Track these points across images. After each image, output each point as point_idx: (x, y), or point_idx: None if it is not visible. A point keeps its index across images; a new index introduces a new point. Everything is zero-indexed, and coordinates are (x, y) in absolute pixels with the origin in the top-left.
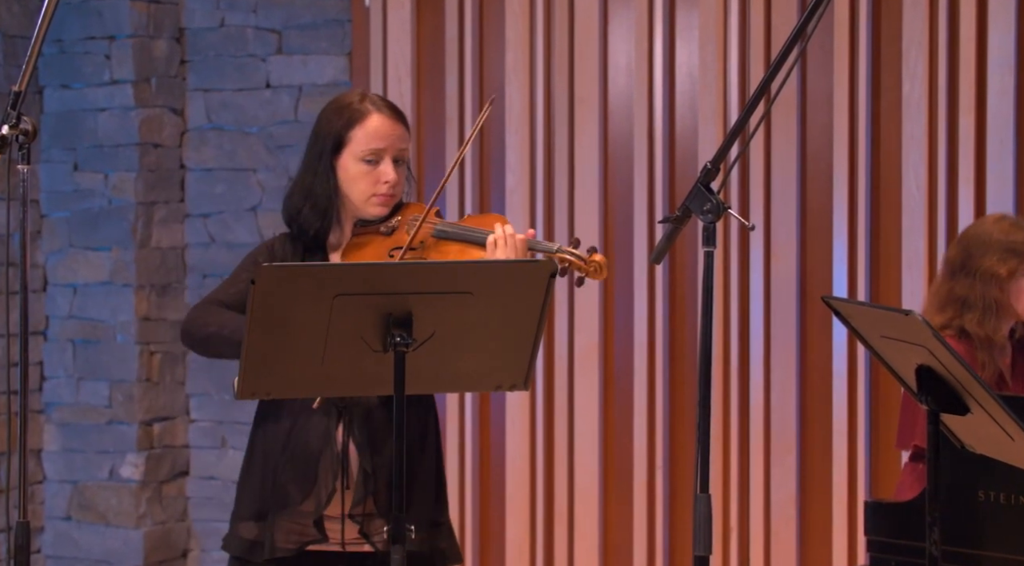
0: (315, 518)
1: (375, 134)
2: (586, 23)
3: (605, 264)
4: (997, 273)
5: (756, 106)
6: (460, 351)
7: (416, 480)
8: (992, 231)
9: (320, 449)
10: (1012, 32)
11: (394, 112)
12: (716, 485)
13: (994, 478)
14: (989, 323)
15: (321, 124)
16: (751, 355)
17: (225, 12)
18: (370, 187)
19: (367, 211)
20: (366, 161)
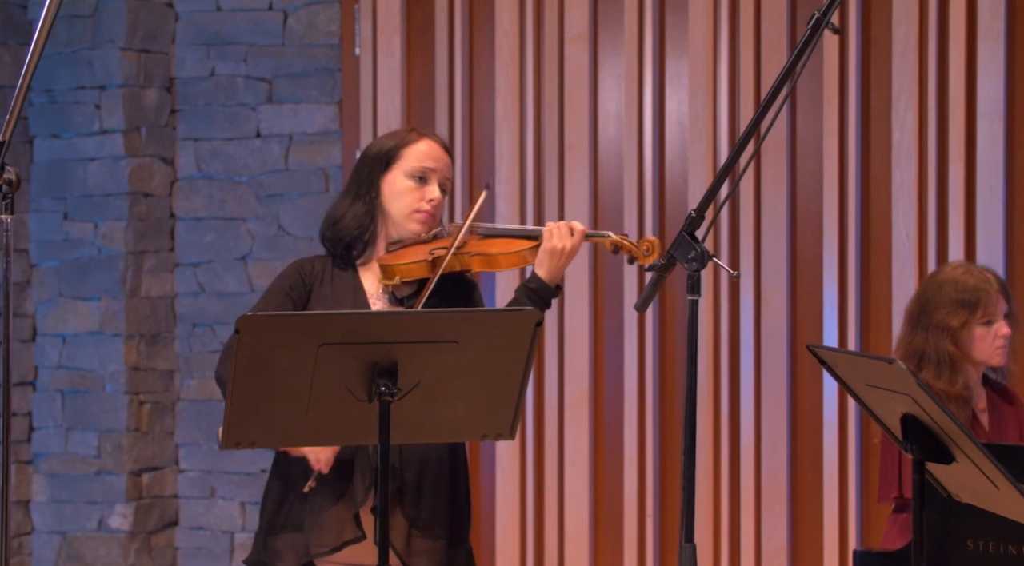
0: (354, 513)
1: (426, 154)
2: (576, 71)
3: (657, 244)
4: (949, 325)
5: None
6: (446, 400)
7: (439, 491)
8: (944, 282)
9: (354, 451)
10: (1001, 80)
11: (444, 144)
12: (707, 534)
13: (983, 527)
14: (944, 376)
15: (372, 147)
16: (741, 404)
17: (215, 61)
18: (415, 203)
19: (408, 227)
20: (414, 178)
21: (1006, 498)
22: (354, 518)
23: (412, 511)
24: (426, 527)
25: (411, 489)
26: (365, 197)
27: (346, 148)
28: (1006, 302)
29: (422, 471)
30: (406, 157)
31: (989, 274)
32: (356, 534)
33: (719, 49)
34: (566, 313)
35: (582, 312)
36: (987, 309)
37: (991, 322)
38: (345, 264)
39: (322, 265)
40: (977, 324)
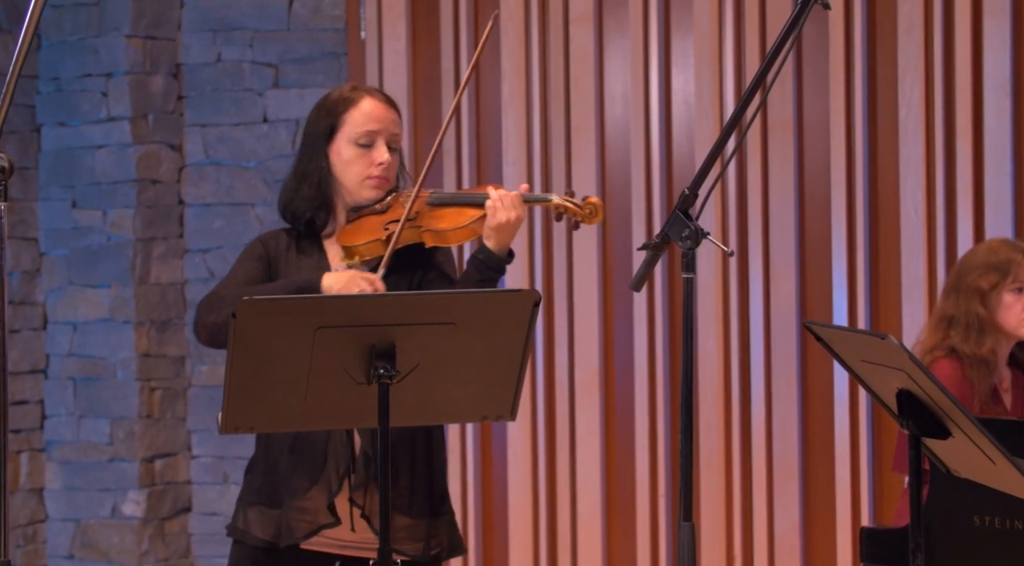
0: (328, 503)
1: (368, 116)
2: (582, 52)
3: (600, 205)
4: (979, 287)
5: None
6: (445, 382)
7: (415, 470)
8: (979, 250)
9: (327, 435)
10: (1007, 55)
11: (386, 98)
12: (719, 514)
13: (989, 503)
14: (972, 338)
15: (312, 117)
16: (752, 383)
17: (221, 47)
18: (364, 169)
19: (361, 194)
20: (360, 145)
21: (1003, 473)
22: (329, 507)
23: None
24: (405, 506)
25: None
26: (315, 172)
27: None
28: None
29: (397, 452)
30: (348, 123)
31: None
32: (330, 520)
33: (724, 28)
34: (575, 295)
35: (591, 294)
36: (1018, 275)
37: (1021, 290)
38: (310, 238)
39: (286, 239)
40: (1007, 290)
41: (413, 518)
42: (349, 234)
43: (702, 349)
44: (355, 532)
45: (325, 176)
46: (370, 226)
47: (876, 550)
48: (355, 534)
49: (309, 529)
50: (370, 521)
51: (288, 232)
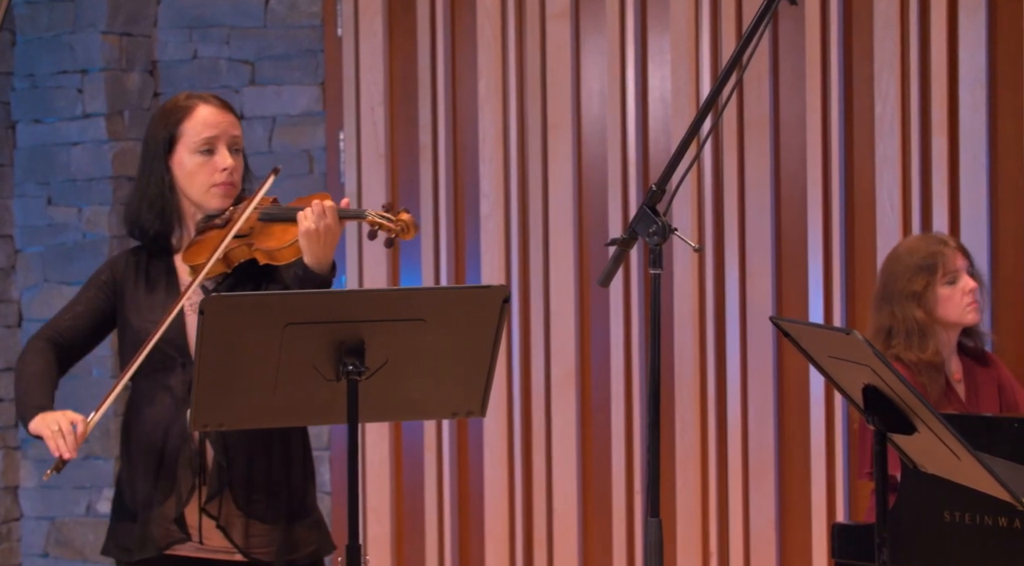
0: (176, 515)
1: (205, 123)
2: (558, 49)
3: (413, 222)
4: (913, 291)
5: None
6: (414, 378)
7: (273, 475)
8: (899, 254)
9: (178, 447)
10: (983, 50)
11: (221, 101)
12: (695, 510)
13: (959, 499)
14: (914, 344)
15: (150, 130)
16: (728, 380)
17: (198, 44)
18: (209, 177)
19: (210, 203)
20: (201, 152)
21: (967, 468)
22: (176, 520)
23: (245, 501)
24: (263, 513)
25: (241, 482)
26: (158, 187)
27: (329, 129)
28: (966, 259)
29: (251, 461)
30: (186, 133)
31: (944, 236)
32: (180, 536)
33: (701, 25)
34: (551, 292)
35: (567, 291)
36: (947, 267)
37: (954, 280)
38: (160, 255)
39: (135, 261)
40: (940, 284)
41: (270, 524)
42: (194, 252)
43: (678, 346)
44: (203, 545)
45: (169, 190)
46: (212, 243)
47: (848, 546)
48: (204, 546)
49: (164, 542)
50: (226, 531)
51: (139, 251)
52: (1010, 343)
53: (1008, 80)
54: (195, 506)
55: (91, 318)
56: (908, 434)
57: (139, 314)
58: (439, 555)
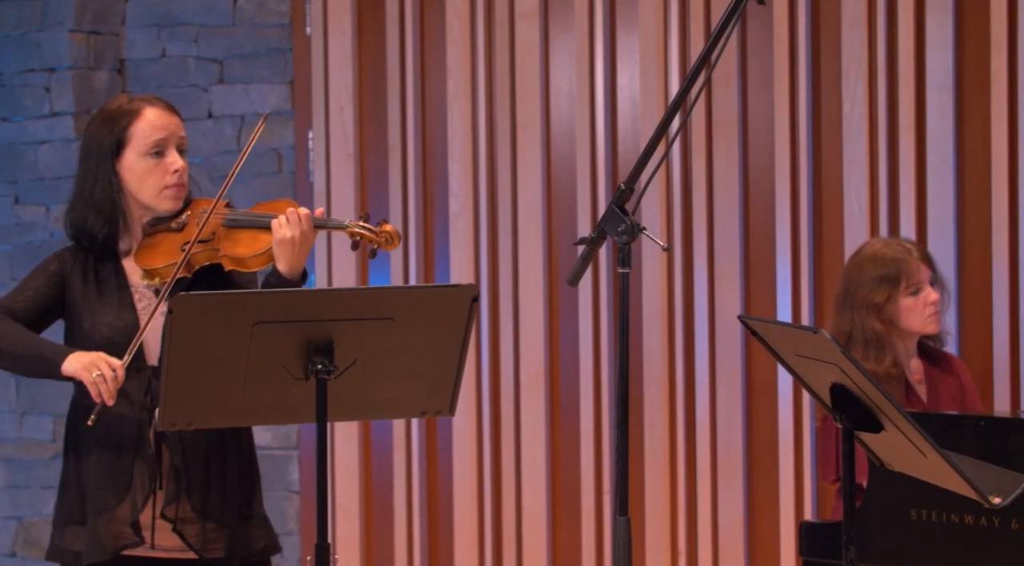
0: (132, 520)
1: (154, 126)
2: (527, 48)
3: (396, 233)
4: (874, 302)
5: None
6: (383, 378)
7: (227, 477)
8: (863, 261)
9: (134, 452)
10: (950, 52)
11: (166, 104)
12: (663, 509)
13: (925, 496)
14: (871, 355)
15: (93, 132)
16: (696, 379)
17: (166, 42)
18: (160, 179)
19: (161, 206)
20: (152, 155)
21: (933, 466)
22: (132, 525)
23: (201, 503)
24: (218, 514)
25: (198, 484)
26: (105, 191)
27: (298, 128)
28: (929, 269)
29: (207, 463)
30: (135, 136)
31: (909, 244)
32: (133, 540)
33: (669, 24)
34: (520, 291)
35: (536, 290)
36: (910, 279)
37: (918, 291)
38: (107, 256)
39: (83, 258)
40: (903, 296)
41: (223, 523)
42: (148, 255)
43: (646, 345)
44: (154, 547)
45: (117, 194)
46: (167, 247)
47: (816, 544)
48: (156, 547)
49: (115, 546)
50: (181, 533)
51: (83, 250)
52: (975, 344)
53: (975, 82)
54: (150, 510)
55: (38, 307)
56: (875, 432)
57: (92, 317)
58: (408, 554)
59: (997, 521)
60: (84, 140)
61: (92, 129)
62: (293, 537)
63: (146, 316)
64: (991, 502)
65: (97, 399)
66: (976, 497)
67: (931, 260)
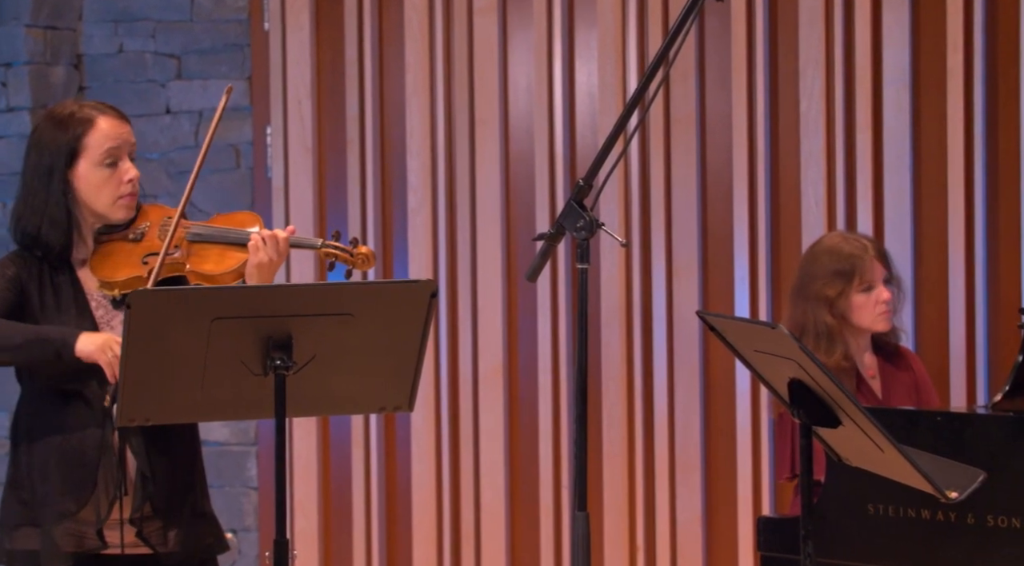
0: (97, 528)
1: (107, 136)
2: (486, 44)
3: (372, 255)
4: (826, 296)
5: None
6: (342, 373)
7: (188, 477)
8: (819, 254)
9: (97, 458)
10: (907, 49)
11: (117, 112)
12: (622, 504)
13: (882, 491)
14: (823, 347)
15: (44, 140)
16: (655, 376)
17: (123, 38)
18: (115, 189)
19: (115, 215)
20: (106, 165)
21: (890, 461)
22: (97, 533)
23: (164, 505)
24: (177, 514)
25: (161, 488)
26: (58, 201)
27: (256, 124)
28: (885, 267)
29: (170, 466)
30: (89, 147)
31: (866, 241)
32: (97, 544)
33: (627, 21)
34: (479, 287)
35: (495, 286)
36: (864, 276)
37: (870, 288)
38: (61, 265)
39: (38, 265)
40: (855, 292)
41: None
42: (106, 266)
43: (604, 341)
44: (108, 546)
45: (72, 203)
46: (127, 259)
47: (773, 539)
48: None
49: (78, 552)
50: (147, 541)
51: (38, 259)
52: (931, 339)
53: (931, 80)
54: (115, 515)
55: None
56: (833, 427)
57: None
58: (367, 549)
59: (954, 516)
60: (33, 145)
61: (43, 135)
62: (251, 533)
63: (105, 325)
64: (948, 496)
65: (112, 380)
66: (933, 492)
67: (887, 258)
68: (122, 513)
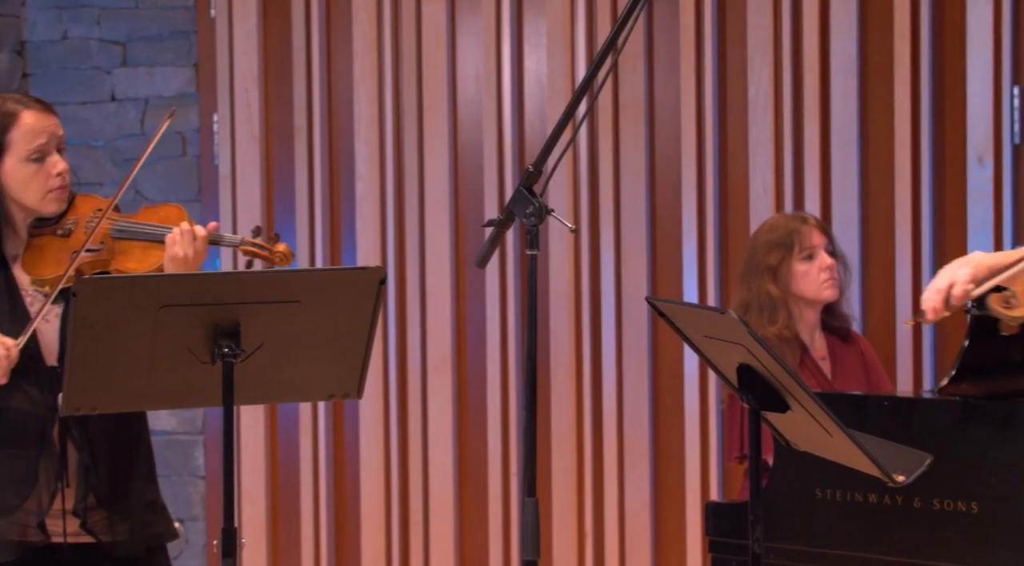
0: (39, 520)
1: (34, 131)
2: (434, 31)
3: (290, 252)
4: (768, 265)
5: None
6: (290, 361)
7: (133, 467)
8: (760, 231)
9: (38, 451)
10: (854, 36)
11: (42, 104)
12: (570, 490)
13: (830, 476)
14: (765, 317)
15: None
16: (603, 359)
17: (68, 24)
18: (44, 183)
19: (46, 209)
20: (33, 160)
21: (838, 445)
22: (39, 525)
23: (107, 495)
24: (123, 504)
25: (104, 479)
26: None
27: (203, 112)
28: (825, 237)
29: (114, 457)
30: (15, 142)
31: (806, 214)
32: (40, 537)
33: (576, 8)
34: (427, 274)
35: (443, 273)
36: (803, 243)
37: (812, 256)
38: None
39: None
40: (796, 260)
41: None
42: (35, 263)
43: (553, 328)
44: (65, 540)
45: (1, 198)
46: (55, 255)
47: (722, 524)
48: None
49: (21, 545)
50: (92, 530)
51: None
52: (879, 323)
53: (878, 68)
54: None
55: None
56: (782, 412)
57: None
58: (315, 538)
59: (900, 499)
60: None
61: None
62: (199, 522)
63: (41, 320)
64: (895, 480)
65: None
66: (880, 475)
67: (827, 230)
68: (64, 504)
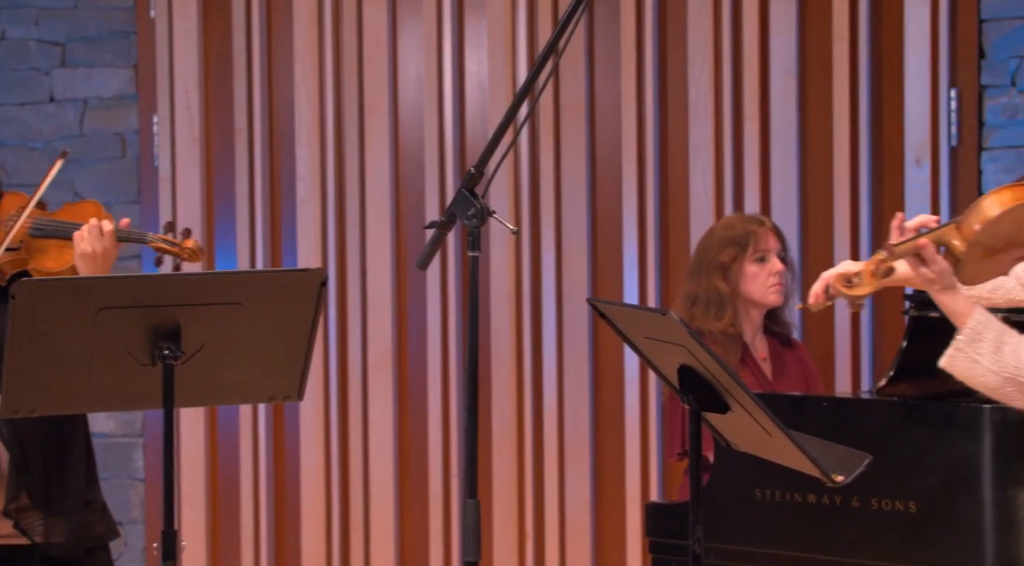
0: None
1: None
2: (375, 33)
3: (199, 248)
4: (720, 262)
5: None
6: (231, 363)
7: (68, 467)
8: (715, 228)
9: None
10: (794, 38)
11: None
12: (511, 491)
13: (769, 476)
14: (712, 313)
15: None
16: (544, 360)
17: (6, 25)
18: None
19: None
20: None
21: (778, 445)
22: None
23: (41, 496)
24: (59, 504)
25: (39, 478)
26: None
27: (142, 113)
28: (779, 243)
29: (46, 457)
30: None
31: (763, 218)
32: None
33: (517, 10)
34: (368, 275)
35: (384, 274)
36: (758, 245)
37: (764, 259)
38: None
39: None
40: (749, 261)
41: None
42: None
43: (494, 328)
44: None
45: None
46: None
47: (662, 524)
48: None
49: None
50: (26, 531)
51: None
52: (818, 324)
53: (817, 69)
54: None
55: None
56: (722, 413)
57: None
58: (255, 540)
59: (839, 499)
60: None
61: None
62: (138, 525)
63: None
64: (834, 480)
65: None
66: (820, 475)
67: (781, 234)
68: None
